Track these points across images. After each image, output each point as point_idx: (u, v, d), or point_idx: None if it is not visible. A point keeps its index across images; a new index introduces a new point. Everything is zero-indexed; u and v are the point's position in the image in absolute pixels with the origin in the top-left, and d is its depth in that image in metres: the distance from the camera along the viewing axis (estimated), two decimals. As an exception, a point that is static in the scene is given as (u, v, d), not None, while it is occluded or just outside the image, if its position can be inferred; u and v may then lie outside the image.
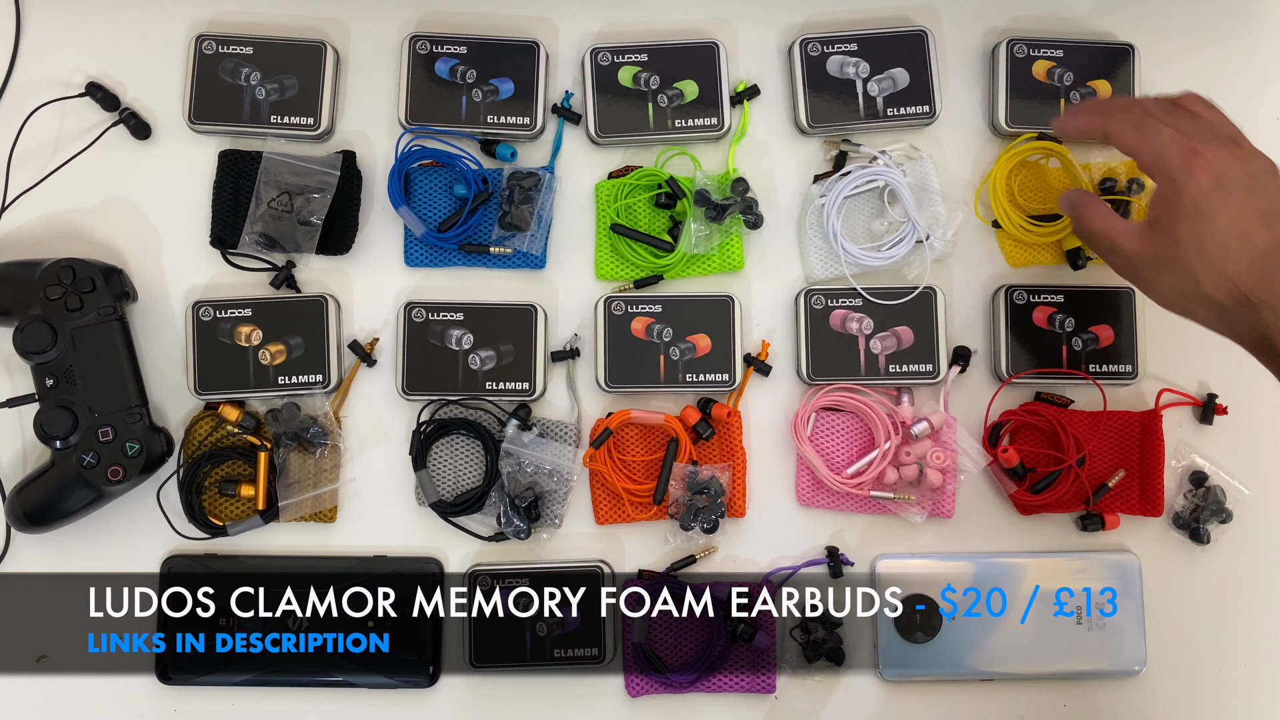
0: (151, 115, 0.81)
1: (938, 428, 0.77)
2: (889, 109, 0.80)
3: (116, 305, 0.76)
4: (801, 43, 0.81)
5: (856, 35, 0.81)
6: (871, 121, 0.81)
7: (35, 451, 0.79)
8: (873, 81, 0.81)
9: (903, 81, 0.81)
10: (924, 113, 0.80)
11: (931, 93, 0.81)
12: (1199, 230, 0.61)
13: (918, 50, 0.81)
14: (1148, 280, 0.65)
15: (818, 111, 0.80)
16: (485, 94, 0.80)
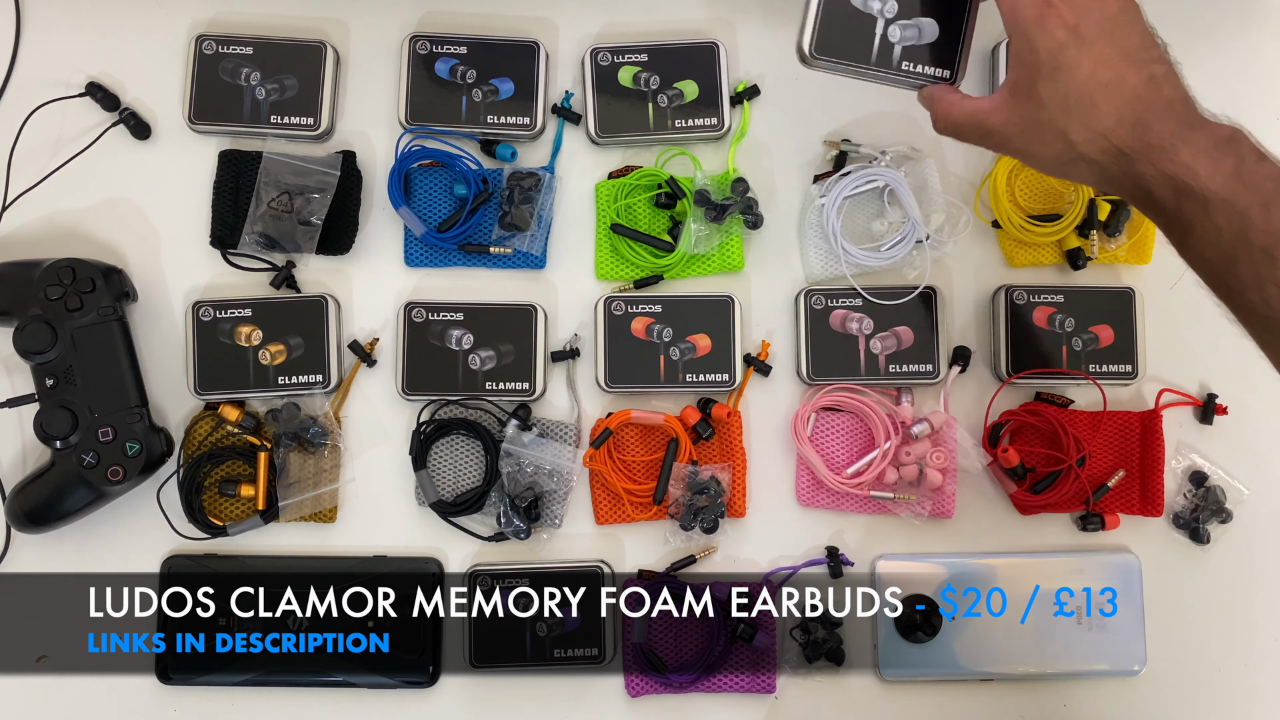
0: (151, 115, 0.81)
1: (938, 428, 0.77)
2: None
3: (116, 305, 0.76)
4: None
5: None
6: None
7: (35, 451, 0.79)
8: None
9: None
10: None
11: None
12: (1061, 86, 0.57)
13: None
14: (1023, 150, 0.61)
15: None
16: (485, 94, 0.80)
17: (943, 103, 0.64)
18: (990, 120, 0.61)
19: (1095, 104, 0.56)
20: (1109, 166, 0.57)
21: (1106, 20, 0.57)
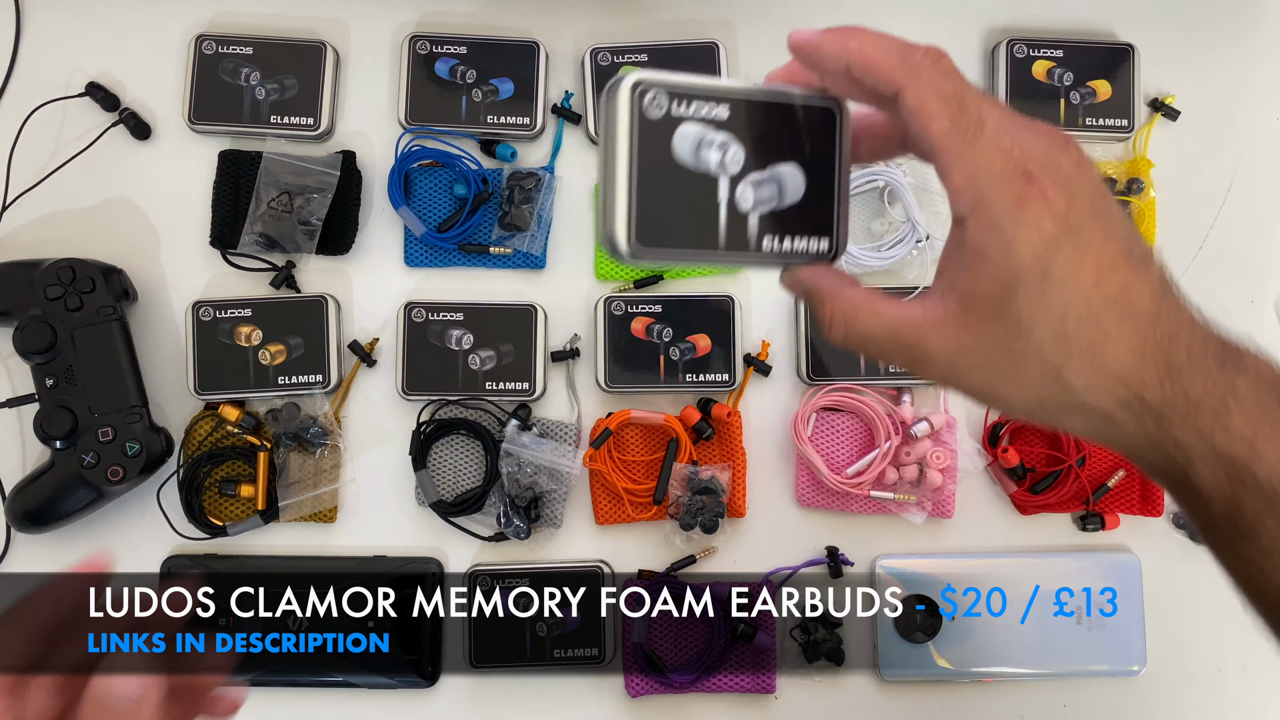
0: (151, 115, 0.81)
1: (938, 428, 0.77)
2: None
3: (116, 305, 0.76)
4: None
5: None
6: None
7: (35, 452, 0.79)
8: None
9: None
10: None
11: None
12: (1054, 304, 0.37)
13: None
14: (984, 390, 0.40)
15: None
16: (485, 94, 0.80)
17: (843, 305, 0.42)
18: (930, 342, 0.40)
19: (1105, 332, 0.38)
20: (1126, 426, 0.39)
21: (1097, 197, 0.38)
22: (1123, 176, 0.81)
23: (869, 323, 0.41)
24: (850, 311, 0.41)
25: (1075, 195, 0.37)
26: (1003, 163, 0.37)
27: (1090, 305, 0.38)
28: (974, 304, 0.39)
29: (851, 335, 0.41)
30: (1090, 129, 0.81)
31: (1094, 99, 0.81)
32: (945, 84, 0.37)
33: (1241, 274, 0.82)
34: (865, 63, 0.38)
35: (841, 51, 0.39)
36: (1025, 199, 0.37)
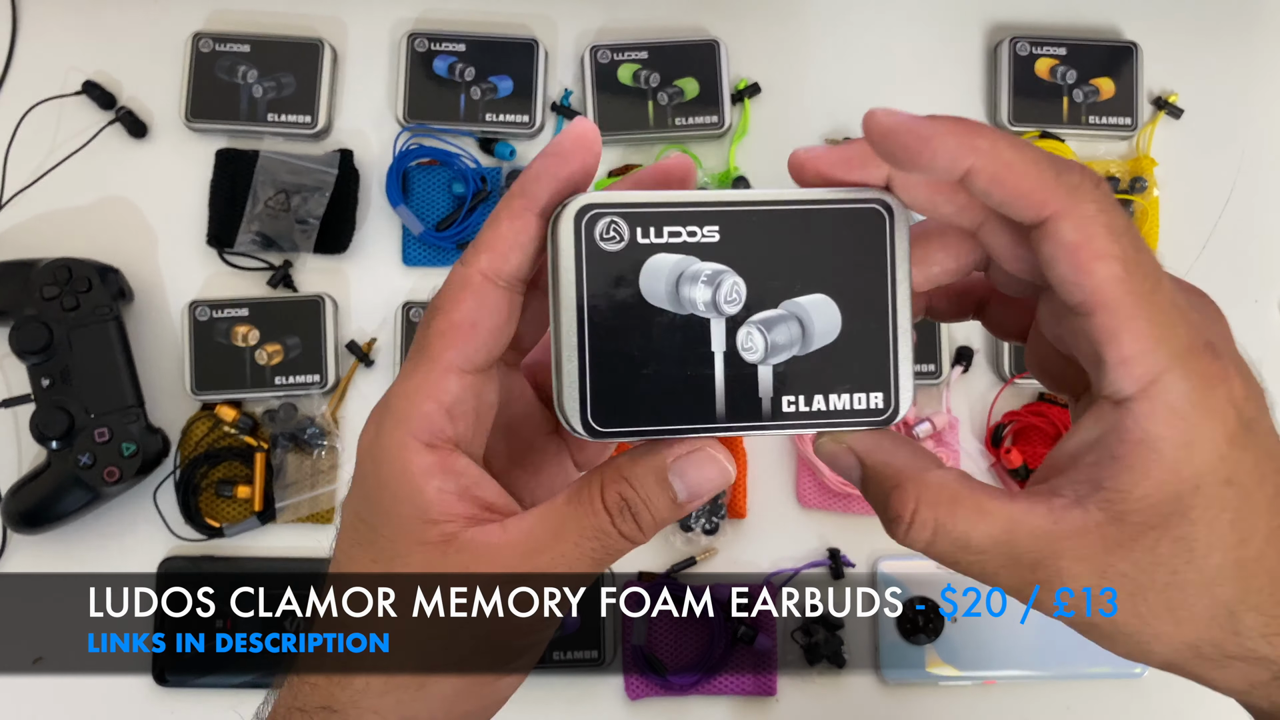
0: (148, 114, 0.81)
1: (940, 428, 0.76)
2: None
3: (113, 305, 0.75)
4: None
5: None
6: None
7: (31, 452, 0.78)
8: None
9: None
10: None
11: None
12: (1233, 520, 0.29)
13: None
14: (1129, 628, 0.31)
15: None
16: (484, 92, 0.80)
17: (932, 496, 0.30)
18: (1066, 561, 0.30)
19: None
20: None
21: (1254, 377, 0.30)
22: (1126, 175, 0.80)
23: (971, 525, 0.30)
24: (943, 506, 0.30)
25: (1248, 377, 0.29)
26: (1187, 331, 0.28)
27: (1275, 525, 0.29)
28: (1131, 514, 0.28)
29: (942, 540, 0.31)
30: (1093, 127, 0.80)
31: (1097, 97, 0.80)
32: (1116, 216, 0.28)
33: (1245, 273, 0.81)
34: (1003, 172, 0.27)
35: (966, 151, 0.27)
36: (1211, 382, 0.28)
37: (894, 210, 0.31)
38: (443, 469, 0.32)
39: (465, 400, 0.32)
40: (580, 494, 0.32)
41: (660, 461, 0.31)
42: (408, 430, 0.32)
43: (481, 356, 0.32)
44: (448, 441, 0.32)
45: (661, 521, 0.32)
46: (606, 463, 0.32)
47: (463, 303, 0.32)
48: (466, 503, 0.32)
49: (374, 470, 0.32)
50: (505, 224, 0.31)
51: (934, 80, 0.83)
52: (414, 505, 0.32)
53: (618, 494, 0.31)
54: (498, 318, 0.32)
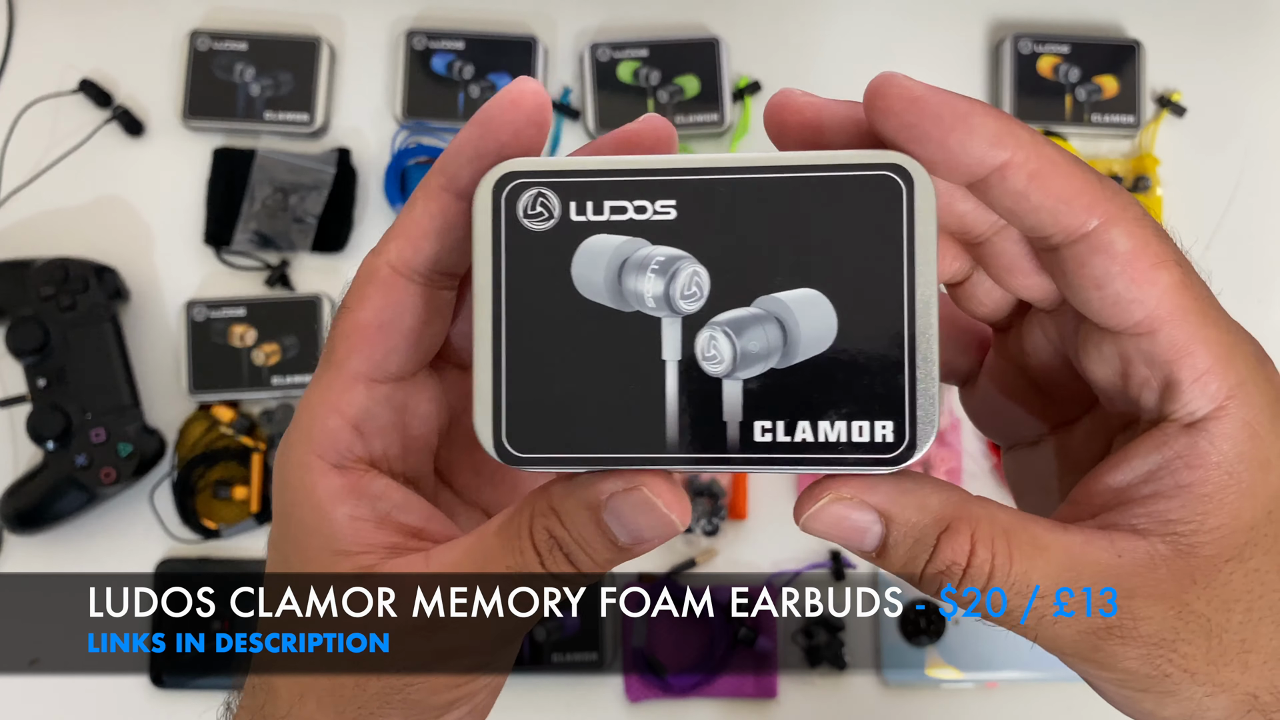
0: (145, 112, 0.80)
1: (942, 429, 0.76)
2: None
3: (109, 304, 0.75)
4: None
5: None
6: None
7: (27, 453, 0.78)
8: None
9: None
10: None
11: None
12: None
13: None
14: (1201, 670, 0.25)
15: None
16: (483, 90, 0.79)
17: (986, 531, 0.25)
18: (1139, 601, 0.25)
19: None
20: None
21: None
22: (1129, 174, 0.80)
23: (1030, 564, 0.25)
24: (999, 542, 0.25)
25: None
26: (1249, 340, 0.26)
27: None
28: (1204, 547, 0.25)
29: (1001, 585, 0.26)
30: (1096, 126, 0.80)
31: (1100, 95, 0.80)
32: (1156, 223, 0.25)
33: (1249, 272, 0.81)
34: (1048, 170, 0.24)
35: (1007, 140, 0.23)
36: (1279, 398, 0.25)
37: (914, 178, 0.24)
38: (354, 493, 0.27)
39: (379, 414, 0.27)
40: (510, 525, 0.26)
41: (594, 495, 0.25)
42: (310, 449, 0.27)
43: (395, 362, 0.27)
44: (360, 461, 0.27)
45: (604, 563, 0.26)
46: (541, 488, 0.26)
47: (368, 300, 0.27)
48: (386, 530, 0.27)
49: (279, 495, 0.28)
50: (419, 207, 0.26)
51: (936, 78, 0.81)
52: (323, 535, 0.27)
53: (546, 530, 0.26)
54: (412, 317, 0.27)
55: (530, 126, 0.25)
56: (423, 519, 0.28)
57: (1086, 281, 0.24)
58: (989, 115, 0.24)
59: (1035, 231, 0.24)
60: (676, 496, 0.24)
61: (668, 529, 0.25)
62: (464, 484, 0.32)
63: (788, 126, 0.26)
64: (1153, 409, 0.25)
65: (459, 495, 0.31)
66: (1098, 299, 0.24)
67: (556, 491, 0.26)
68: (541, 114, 0.26)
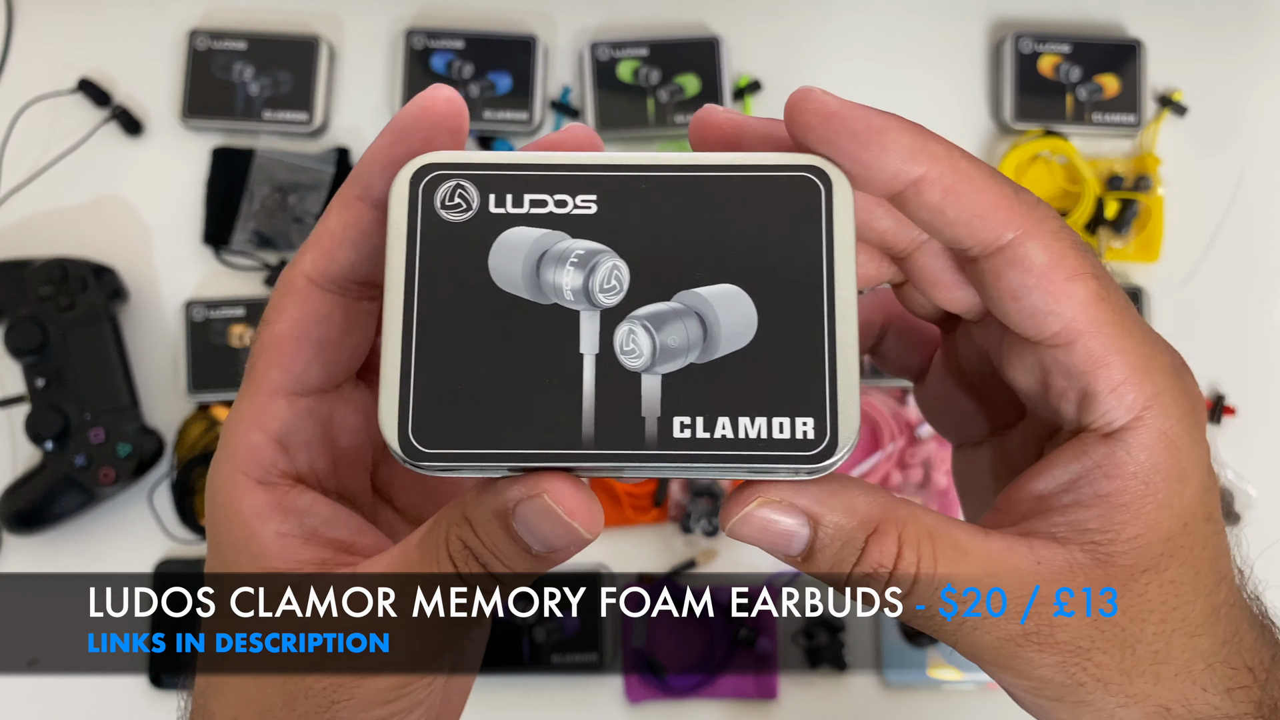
0: (143, 112, 0.80)
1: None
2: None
3: (108, 304, 0.75)
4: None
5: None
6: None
7: (26, 453, 0.78)
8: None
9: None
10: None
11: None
12: (1213, 558, 0.27)
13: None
14: (1115, 680, 0.25)
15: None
16: (482, 89, 0.79)
17: (914, 533, 0.26)
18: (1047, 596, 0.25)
19: (1245, 614, 0.28)
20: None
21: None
22: (1130, 173, 0.80)
23: (953, 567, 0.25)
24: (924, 544, 0.25)
25: (1201, 410, 0.26)
26: (1167, 350, 0.26)
27: (1231, 567, 0.28)
28: (1121, 557, 0.25)
29: (922, 589, 0.25)
30: (1097, 125, 0.80)
31: (1101, 95, 0.80)
32: (1075, 236, 0.25)
33: (1250, 272, 0.81)
34: (962, 185, 0.24)
35: (921, 154, 0.24)
36: (1196, 405, 0.26)
37: (832, 179, 0.24)
38: (280, 509, 0.27)
39: (302, 427, 0.27)
40: (429, 535, 0.26)
41: (503, 502, 0.24)
42: (235, 466, 0.27)
43: (315, 375, 0.27)
44: (285, 476, 0.27)
45: (526, 571, 0.25)
46: (459, 497, 0.26)
47: (285, 312, 0.26)
48: (315, 546, 0.27)
49: (209, 515, 0.28)
50: (334, 217, 0.26)
51: (936, 77, 0.82)
52: (250, 553, 0.26)
53: (460, 540, 0.25)
54: (329, 328, 0.26)
55: (443, 133, 0.26)
56: (352, 533, 0.28)
57: (1004, 294, 0.25)
58: (904, 130, 0.24)
59: (954, 244, 0.25)
60: (581, 503, 0.24)
61: (572, 538, 0.24)
62: (406, 501, 0.31)
63: (708, 142, 0.26)
64: (1072, 419, 0.26)
65: (401, 513, 0.31)
66: (1015, 310, 0.25)
67: (470, 499, 0.25)
68: (454, 120, 0.26)
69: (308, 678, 0.26)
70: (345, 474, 0.29)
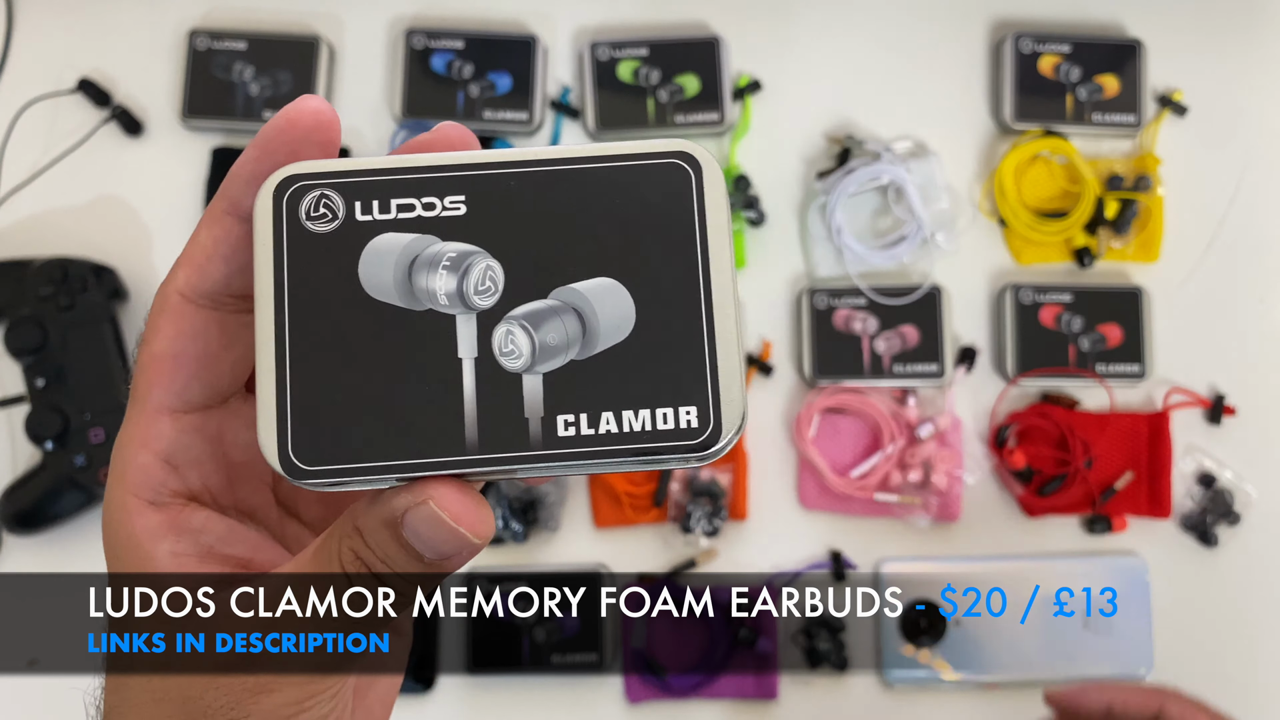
0: (143, 112, 0.80)
1: (943, 429, 0.76)
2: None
3: (108, 304, 0.75)
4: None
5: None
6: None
7: (25, 453, 0.78)
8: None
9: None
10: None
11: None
12: None
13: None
14: None
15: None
16: (482, 89, 0.79)
17: None
18: None
19: None
20: None
21: None
22: (1130, 173, 0.80)
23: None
24: None
25: None
26: None
27: None
28: None
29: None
30: (1097, 125, 0.80)
31: (1101, 95, 0.80)
32: (1202, 703, 0.44)
33: (1250, 272, 0.81)
34: (1127, 697, 0.46)
35: (1104, 693, 0.46)
36: None
37: (701, 164, 0.25)
38: (174, 529, 0.27)
39: (190, 445, 0.27)
40: (323, 547, 0.26)
41: (390, 511, 0.24)
42: (125, 488, 0.27)
43: (197, 391, 0.27)
44: (177, 495, 0.27)
45: (416, 580, 0.25)
46: (351, 507, 0.26)
47: (160, 331, 0.26)
48: (211, 563, 0.27)
49: (105, 536, 0.28)
50: (204, 232, 0.26)
51: (936, 77, 0.82)
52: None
53: (352, 551, 0.25)
54: (207, 344, 0.26)
55: (310, 145, 0.25)
56: (250, 549, 0.28)
57: None
58: (1095, 692, 0.54)
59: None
60: (468, 508, 0.24)
61: (461, 544, 0.24)
62: (312, 515, 0.31)
63: None
64: None
65: (309, 527, 0.31)
66: None
67: (359, 508, 0.25)
68: (322, 132, 0.25)
69: (207, 693, 0.26)
70: (242, 489, 0.29)
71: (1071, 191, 0.79)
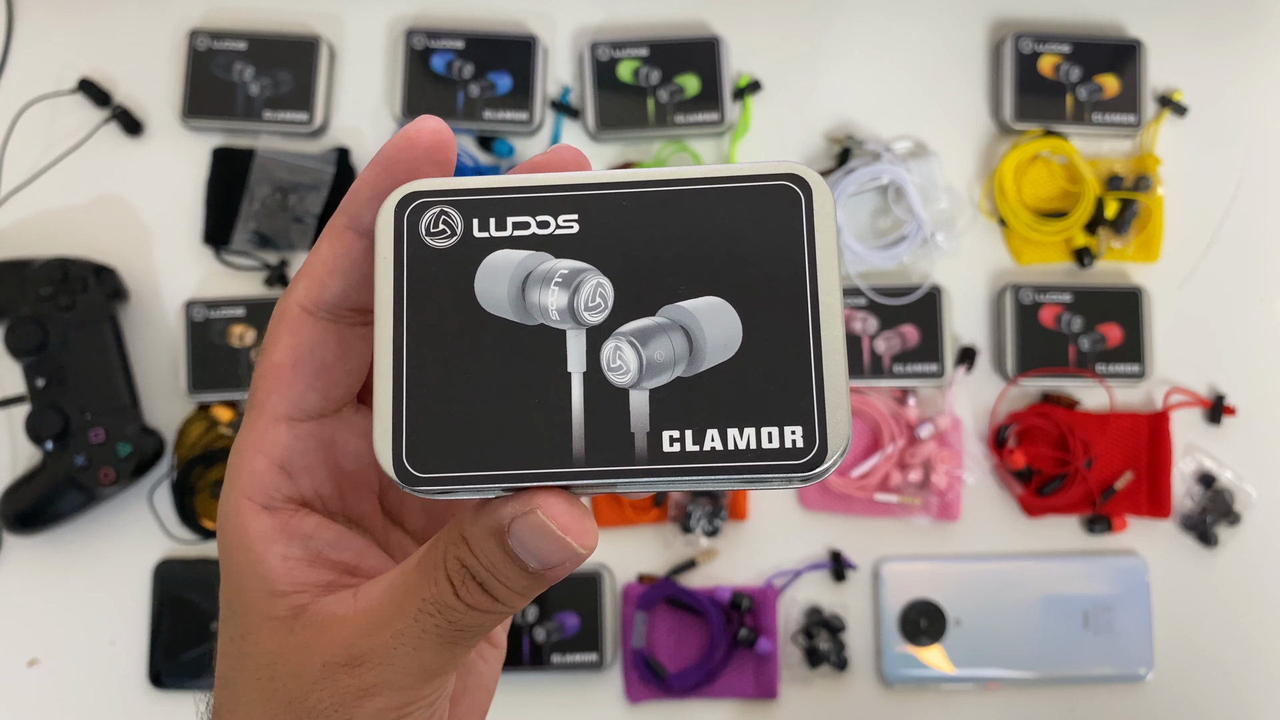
0: (144, 112, 0.80)
1: (943, 430, 0.76)
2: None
3: (108, 304, 0.75)
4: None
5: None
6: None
7: (26, 453, 0.78)
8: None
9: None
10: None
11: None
12: None
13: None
14: None
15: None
16: (482, 89, 0.79)
17: None
18: None
19: None
20: None
21: None
22: (1130, 173, 0.80)
23: None
24: None
25: None
26: None
27: None
28: None
29: None
30: (1098, 125, 0.80)
31: (1101, 95, 0.80)
32: None
33: (1251, 272, 0.81)
34: None
35: None
36: None
37: (812, 186, 0.25)
38: (285, 533, 0.27)
39: (304, 452, 0.28)
40: (428, 555, 0.26)
41: (498, 520, 0.24)
42: (241, 492, 0.27)
43: (313, 401, 0.28)
44: (289, 501, 0.28)
45: (523, 591, 0.26)
46: (456, 517, 0.26)
47: (280, 340, 0.27)
48: (320, 568, 0.28)
49: (219, 540, 0.28)
50: (325, 246, 0.27)
51: (936, 77, 0.82)
52: (257, 576, 0.27)
53: (457, 559, 0.25)
54: (324, 355, 0.27)
55: (429, 164, 0.26)
56: (357, 556, 0.28)
57: None
58: None
59: None
60: (574, 518, 0.24)
61: (567, 554, 0.24)
62: (416, 524, 0.32)
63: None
64: None
65: (412, 536, 0.31)
66: None
67: (466, 518, 0.26)
68: (440, 151, 0.26)
69: (311, 695, 0.27)
70: (351, 497, 0.29)
71: (1071, 191, 0.79)
